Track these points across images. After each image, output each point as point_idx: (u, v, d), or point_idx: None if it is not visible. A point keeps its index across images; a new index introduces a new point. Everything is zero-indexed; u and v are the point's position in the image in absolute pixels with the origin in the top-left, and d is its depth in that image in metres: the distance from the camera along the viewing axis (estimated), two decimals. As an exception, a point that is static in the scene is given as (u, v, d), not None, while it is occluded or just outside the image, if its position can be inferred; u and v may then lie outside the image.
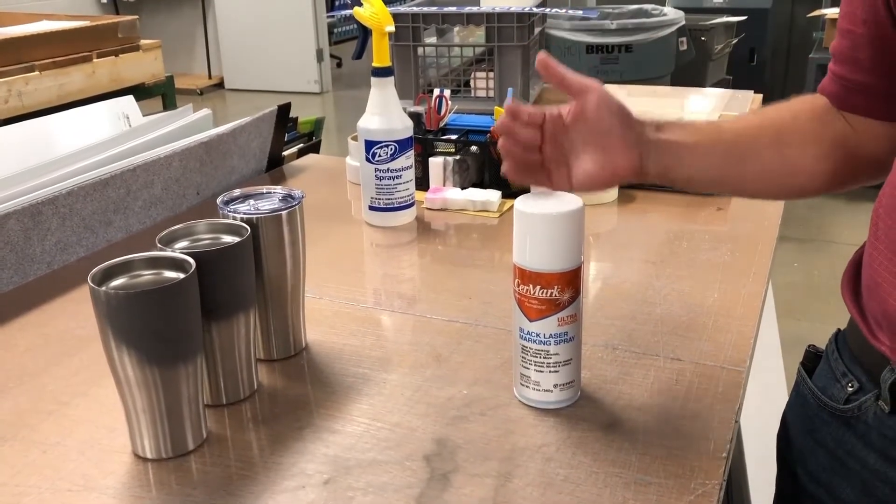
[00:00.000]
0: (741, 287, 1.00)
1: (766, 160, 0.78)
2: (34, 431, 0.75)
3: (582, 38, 3.28)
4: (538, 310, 0.72)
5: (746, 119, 0.80)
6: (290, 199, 0.84)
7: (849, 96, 0.76)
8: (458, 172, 1.33)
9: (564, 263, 0.71)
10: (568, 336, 0.74)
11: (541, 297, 0.72)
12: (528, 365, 0.75)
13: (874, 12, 0.69)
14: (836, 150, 0.77)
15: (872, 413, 0.72)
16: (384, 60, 1.18)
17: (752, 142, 0.78)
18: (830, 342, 0.80)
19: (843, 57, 0.76)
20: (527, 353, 0.75)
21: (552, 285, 0.71)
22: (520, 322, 0.74)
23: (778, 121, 0.80)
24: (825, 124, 0.78)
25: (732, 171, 0.78)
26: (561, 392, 0.75)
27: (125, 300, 0.65)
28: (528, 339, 0.74)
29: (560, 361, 0.74)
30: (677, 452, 0.70)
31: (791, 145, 0.78)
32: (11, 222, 1.01)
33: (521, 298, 0.73)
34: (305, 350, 0.89)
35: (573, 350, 0.75)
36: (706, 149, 0.77)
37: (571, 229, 0.71)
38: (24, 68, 2.29)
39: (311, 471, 0.69)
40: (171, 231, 0.77)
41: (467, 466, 0.69)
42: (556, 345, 0.73)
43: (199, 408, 0.73)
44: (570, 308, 0.73)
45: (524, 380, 0.76)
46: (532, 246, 0.72)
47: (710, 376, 0.82)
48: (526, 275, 0.72)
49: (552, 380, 0.75)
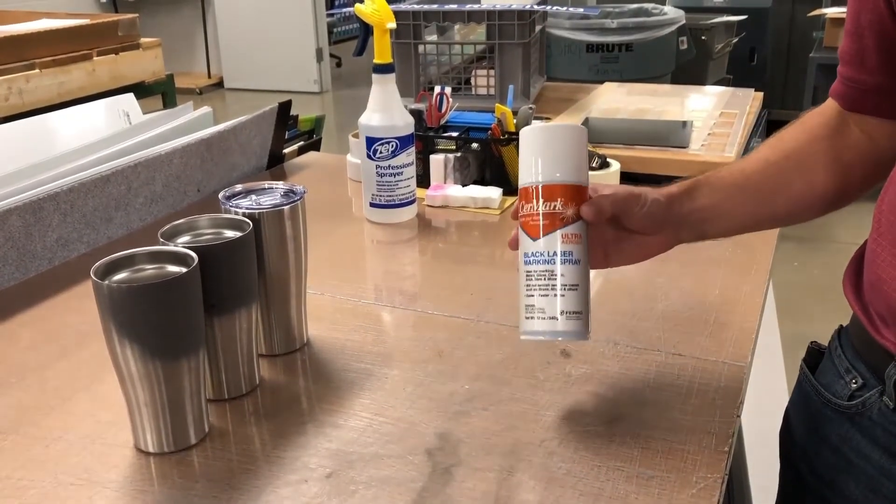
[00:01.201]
0: (742, 283, 1.00)
1: (796, 189, 0.78)
2: (36, 426, 0.75)
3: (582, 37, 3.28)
4: (542, 225, 0.70)
5: (765, 153, 0.80)
6: (291, 194, 0.84)
7: (858, 98, 0.77)
8: (459, 170, 1.33)
9: (566, 176, 0.70)
10: (573, 257, 0.70)
11: (545, 210, 0.70)
12: (532, 291, 0.70)
13: (877, 12, 0.70)
14: (856, 158, 0.77)
15: (877, 409, 0.72)
16: (385, 57, 1.18)
17: (779, 177, 0.78)
18: (833, 338, 0.80)
19: (849, 59, 0.76)
20: (531, 278, 0.70)
21: (555, 197, 0.69)
22: (524, 248, 0.71)
23: (797, 146, 0.79)
24: (841, 136, 0.78)
25: (766, 210, 0.79)
26: (567, 321, 0.70)
27: (128, 294, 0.66)
28: (532, 260, 0.70)
29: (566, 284, 0.70)
30: (679, 447, 0.70)
31: (815, 168, 0.78)
32: (13, 218, 1.01)
33: (524, 220, 0.71)
34: (307, 345, 0.89)
35: (579, 276, 0.70)
36: (739, 199, 0.77)
37: (572, 144, 0.71)
38: (25, 66, 2.29)
39: (313, 465, 0.69)
40: (173, 225, 0.77)
41: (470, 460, 0.69)
42: (561, 264, 0.69)
43: (201, 402, 0.73)
44: (574, 226, 0.70)
45: (528, 311, 0.71)
46: (534, 160, 0.71)
47: (711, 371, 0.82)
48: (529, 192, 0.70)
49: (558, 305, 0.70)
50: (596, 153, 1.29)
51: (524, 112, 1.35)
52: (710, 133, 1.47)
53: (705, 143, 1.41)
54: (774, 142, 0.81)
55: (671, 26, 3.36)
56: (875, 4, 0.69)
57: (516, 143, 1.31)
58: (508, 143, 1.31)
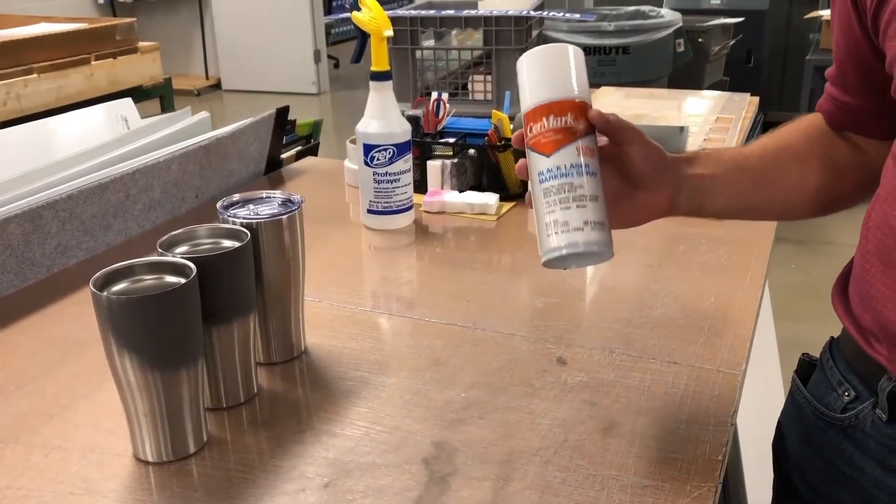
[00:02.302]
0: (738, 290, 1.01)
1: (791, 180, 0.79)
2: (36, 435, 0.76)
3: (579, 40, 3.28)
4: (555, 140, 0.67)
5: (764, 141, 0.81)
6: (289, 203, 0.85)
7: (842, 117, 0.79)
8: (456, 175, 1.34)
9: (573, 91, 0.69)
10: (590, 170, 0.67)
11: (556, 126, 0.67)
12: (552, 207, 0.67)
13: (854, 38, 0.72)
14: (848, 162, 0.79)
15: (870, 422, 0.72)
16: (383, 64, 1.18)
17: (777, 164, 0.79)
18: (825, 350, 0.80)
19: (834, 80, 0.79)
20: (549, 194, 0.67)
21: (565, 112, 0.68)
22: (538, 167, 0.68)
23: (793, 141, 0.81)
24: (833, 140, 0.80)
25: (762, 195, 0.79)
26: (592, 231, 0.66)
27: (127, 305, 0.66)
28: (549, 177, 0.67)
29: (586, 195, 0.66)
30: (673, 455, 0.71)
31: (809, 162, 0.79)
32: (12, 226, 1.01)
33: (535, 141, 0.69)
34: (305, 353, 0.89)
35: (598, 187, 0.67)
36: (737, 177, 0.77)
37: (574, 62, 0.70)
38: (23, 71, 2.29)
39: (310, 474, 0.70)
40: (171, 236, 0.77)
41: (466, 469, 0.70)
42: (579, 176, 0.66)
43: (199, 411, 0.73)
44: (587, 139, 0.68)
45: (548, 228, 0.67)
46: (539, 80, 0.70)
47: (706, 380, 0.82)
48: (537, 112, 0.68)
49: (582, 216, 0.66)
50: (592, 159, 1.30)
51: (520, 118, 1.35)
52: (706, 139, 1.48)
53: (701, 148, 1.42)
54: (773, 134, 0.82)
55: (668, 29, 3.37)
56: (850, 29, 0.71)
57: (513, 149, 1.32)
58: (505, 149, 1.31)
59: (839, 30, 0.73)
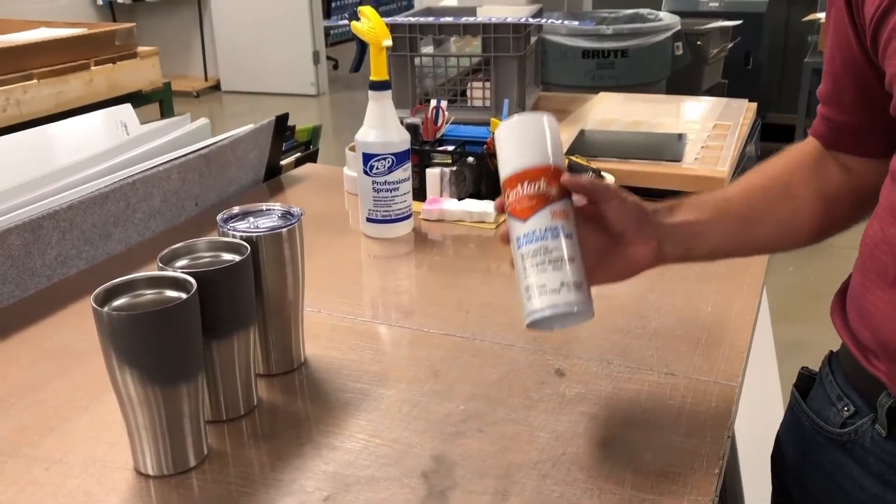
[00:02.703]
0: (734, 300, 1.01)
1: (779, 217, 0.79)
2: (37, 448, 0.76)
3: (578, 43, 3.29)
4: (529, 206, 0.71)
5: (750, 180, 0.81)
6: (289, 216, 0.85)
7: (838, 137, 0.78)
8: (455, 183, 1.34)
9: (545, 158, 0.72)
10: (565, 232, 0.70)
11: (529, 192, 0.71)
12: (529, 271, 0.70)
13: (851, 54, 0.71)
14: (838, 191, 0.78)
15: (869, 437, 0.72)
16: (381, 74, 1.19)
17: (762, 203, 0.79)
18: (824, 364, 0.81)
19: (828, 99, 0.78)
20: (527, 258, 0.70)
21: (538, 178, 0.71)
22: (516, 232, 0.71)
23: (779, 176, 0.81)
24: (821, 169, 0.79)
25: (748, 235, 0.80)
26: (569, 292, 0.69)
27: (128, 321, 0.66)
28: (525, 242, 0.70)
29: (562, 257, 0.69)
30: (670, 469, 0.71)
31: (796, 198, 0.79)
32: (13, 237, 1.02)
33: (512, 207, 0.72)
34: (304, 365, 0.90)
35: (574, 249, 0.70)
36: (721, 219, 0.78)
37: (544, 130, 0.73)
38: (23, 77, 2.29)
39: (310, 488, 0.70)
40: (171, 250, 0.78)
41: (464, 483, 0.70)
42: (554, 239, 0.70)
43: (200, 425, 0.74)
44: (560, 203, 0.71)
45: (528, 291, 0.70)
46: (512, 150, 0.73)
47: (703, 391, 0.83)
48: (513, 179, 0.72)
49: (558, 278, 0.69)
50: (590, 167, 1.30)
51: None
52: (703, 146, 1.49)
53: (699, 156, 1.42)
54: (757, 171, 0.82)
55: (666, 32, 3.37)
56: (848, 46, 0.71)
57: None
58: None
59: (835, 47, 0.73)
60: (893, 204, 0.66)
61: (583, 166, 1.30)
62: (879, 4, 0.63)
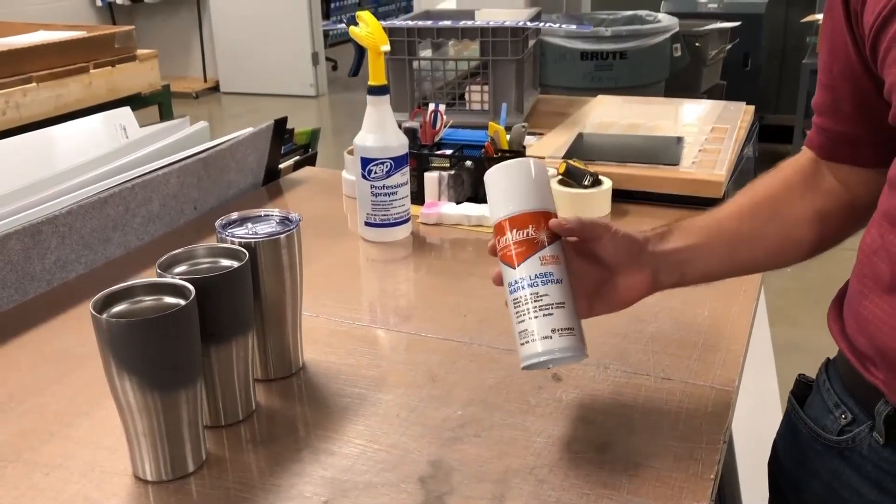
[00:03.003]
0: (731, 304, 1.02)
1: (771, 237, 0.80)
2: (36, 453, 0.77)
3: (576, 45, 3.29)
4: (519, 253, 0.73)
5: (741, 201, 0.82)
6: (287, 222, 0.86)
7: (835, 148, 0.78)
8: (454, 187, 1.35)
9: (533, 204, 0.74)
10: (554, 277, 0.72)
11: (518, 239, 0.73)
12: (522, 317, 0.72)
13: (849, 63, 0.71)
14: (832, 207, 0.79)
15: (867, 445, 0.72)
16: (380, 79, 1.19)
17: (753, 223, 0.80)
18: (821, 371, 0.81)
19: (825, 109, 0.78)
20: (519, 304, 0.73)
21: (526, 225, 0.73)
22: (508, 278, 0.74)
23: (771, 194, 0.81)
24: (816, 183, 0.80)
25: (743, 255, 0.80)
26: (561, 338, 0.71)
27: (126, 328, 0.67)
28: (516, 288, 0.73)
29: (552, 303, 0.72)
30: (666, 474, 0.72)
31: (789, 216, 0.80)
32: (12, 242, 1.02)
33: (502, 253, 0.75)
34: (302, 370, 0.90)
35: (564, 294, 0.72)
36: (713, 243, 0.79)
37: (533, 175, 0.75)
38: (22, 80, 2.30)
39: (308, 493, 0.71)
40: (170, 256, 0.78)
41: (462, 488, 0.71)
42: (543, 285, 0.72)
43: (198, 430, 0.74)
44: (550, 248, 0.73)
45: (522, 337, 0.73)
46: (500, 197, 0.75)
47: (699, 396, 0.83)
48: (502, 226, 0.75)
49: (548, 324, 0.71)
50: (588, 171, 1.31)
51: (517, 130, 1.36)
52: (701, 150, 1.49)
53: (696, 160, 1.42)
54: (748, 191, 0.82)
55: (665, 33, 3.37)
56: (846, 55, 0.71)
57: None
58: (502, 161, 1.32)
59: (832, 57, 0.73)
60: (892, 211, 0.66)
61: (581, 170, 1.31)
62: (879, 13, 0.63)
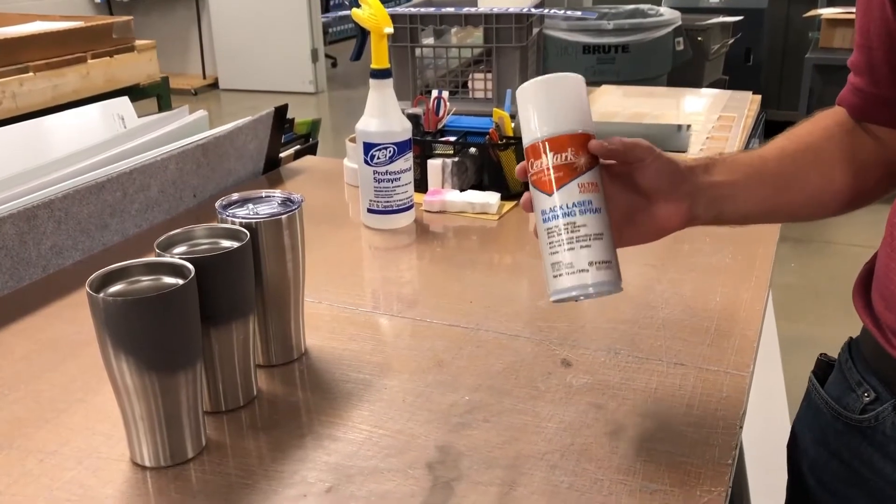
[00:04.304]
0: (743, 290, 1.00)
1: (813, 182, 0.76)
2: (31, 440, 0.74)
3: (579, 39, 3.28)
4: (557, 178, 0.67)
5: (782, 143, 0.78)
6: (289, 203, 0.84)
7: (869, 108, 0.75)
8: (457, 174, 1.32)
9: (573, 125, 0.68)
10: (593, 206, 0.67)
11: (556, 163, 0.67)
12: (556, 248, 0.67)
13: (885, 25, 0.69)
14: (870, 159, 0.76)
15: (890, 423, 0.70)
16: (383, 62, 1.17)
17: (796, 166, 0.76)
18: (843, 350, 0.79)
19: (860, 70, 0.75)
20: (553, 234, 0.67)
21: (564, 148, 0.67)
22: (541, 205, 0.68)
23: (813, 141, 0.78)
24: (854, 137, 0.77)
25: (782, 199, 0.77)
26: (598, 271, 0.67)
27: (124, 307, 0.65)
28: (551, 216, 0.68)
29: (590, 234, 0.67)
30: (681, 459, 0.70)
31: (829, 164, 0.76)
32: (7, 226, 1.00)
33: (536, 178, 0.69)
34: (305, 355, 0.88)
35: (602, 224, 0.68)
36: (755, 182, 0.75)
37: (573, 93, 0.69)
38: (19, 69, 2.27)
39: (312, 479, 0.68)
40: (169, 236, 0.76)
41: (471, 474, 0.68)
42: (581, 214, 0.67)
43: (198, 415, 0.72)
44: (588, 174, 0.67)
45: (555, 269, 0.68)
46: (537, 115, 0.69)
47: (713, 381, 0.81)
48: (537, 148, 0.68)
49: (586, 256, 0.67)
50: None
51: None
52: (708, 137, 1.47)
53: (704, 147, 1.41)
54: (790, 134, 0.79)
55: (667, 27, 3.36)
56: (883, 17, 0.68)
57: (514, 147, 1.30)
58: (506, 147, 1.30)
59: (869, 18, 0.70)
60: None
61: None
62: None
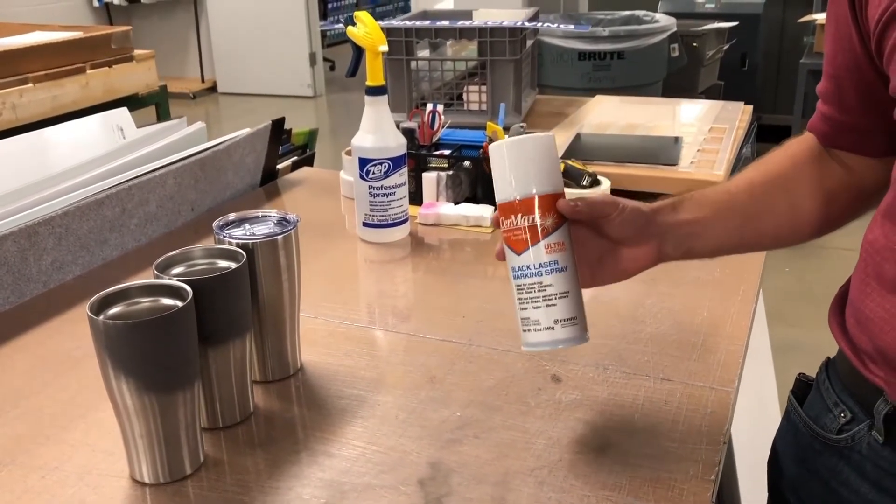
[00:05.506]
0: (730, 305, 1.01)
1: (781, 213, 0.79)
2: (33, 456, 0.76)
3: (574, 45, 3.29)
4: (523, 240, 0.71)
5: (750, 175, 0.81)
6: (285, 222, 0.85)
7: (838, 135, 0.78)
8: (452, 187, 1.34)
9: (540, 187, 0.71)
10: (559, 266, 0.71)
11: (523, 225, 0.71)
12: (525, 304, 0.72)
13: (853, 55, 0.71)
14: (838, 187, 0.78)
15: (866, 443, 0.72)
16: (378, 79, 1.19)
17: (765, 198, 0.79)
18: (821, 370, 0.80)
19: (829, 98, 0.77)
20: (522, 291, 0.72)
21: (531, 210, 0.71)
22: (511, 262, 0.72)
23: (781, 170, 0.80)
24: (823, 164, 0.79)
25: (752, 230, 0.79)
26: (564, 329, 0.71)
27: (123, 330, 0.66)
28: (520, 275, 0.72)
29: (556, 293, 0.71)
30: (666, 475, 0.72)
31: (798, 193, 0.79)
32: (8, 243, 1.02)
33: (507, 236, 0.72)
34: (300, 371, 0.90)
35: (568, 282, 0.71)
36: (724, 217, 0.78)
37: (541, 155, 0.72)
38: (18, 80, 2.29)
39: (307, 495, 0.70)
40: (167, 257, 0.78)
41: (461, 490, 0.70)
42: (548, 275, 0.71)
43: (196, 433, 0.73)
44: (555, 235, 0.71)
45: (525, 324, 0.72)
46: (506, 176, 0.72)
47: (699, 397, 0.83)
48: (506, 207, 0.72)
49: (552, 315, 0.71)
50: (586, 171, 1.31)
51: (515, 130, 1.36)
52: (699, 150, 1.49)
53: (695, 160, 1.42)
54: (759, 165, 0.82)
55: (662, 34, 3.37)
56: (851, 46, 0.70)
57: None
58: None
59: (837, 48, 0.72)
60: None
61: (579, 170, 1.30)
62: (885, 10, 0.62)
